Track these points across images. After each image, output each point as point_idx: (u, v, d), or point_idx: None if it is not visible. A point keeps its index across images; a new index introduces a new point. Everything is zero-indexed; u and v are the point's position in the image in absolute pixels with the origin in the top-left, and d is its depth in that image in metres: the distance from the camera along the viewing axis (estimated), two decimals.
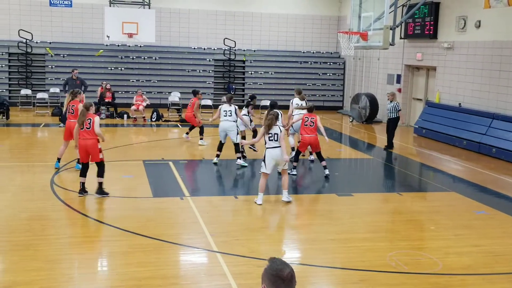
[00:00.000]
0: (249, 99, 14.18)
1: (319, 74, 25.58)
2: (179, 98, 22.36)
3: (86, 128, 9.79)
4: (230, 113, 12.71)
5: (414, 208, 10.10)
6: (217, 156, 12.84)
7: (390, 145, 15.85)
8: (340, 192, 10.88)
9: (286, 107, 14.49)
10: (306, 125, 11.79)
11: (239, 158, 12.83)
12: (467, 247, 8.00)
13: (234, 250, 7.55)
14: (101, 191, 9.86)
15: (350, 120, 22.13)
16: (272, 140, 9.65)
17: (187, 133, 15.99)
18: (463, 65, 17.63)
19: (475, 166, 14.01)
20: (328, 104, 25.24)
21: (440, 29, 18.77)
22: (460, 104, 17.60)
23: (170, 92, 23.26)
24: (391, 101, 15.71)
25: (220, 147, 12.86)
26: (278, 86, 24.69)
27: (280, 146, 9.63)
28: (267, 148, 9.73)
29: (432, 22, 18.87)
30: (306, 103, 13.46)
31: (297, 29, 25.56)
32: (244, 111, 13.67)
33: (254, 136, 13.32)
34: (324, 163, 11.98)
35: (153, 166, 12.55)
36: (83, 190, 9.83)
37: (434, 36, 18.88)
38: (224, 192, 11.07)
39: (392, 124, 15.74)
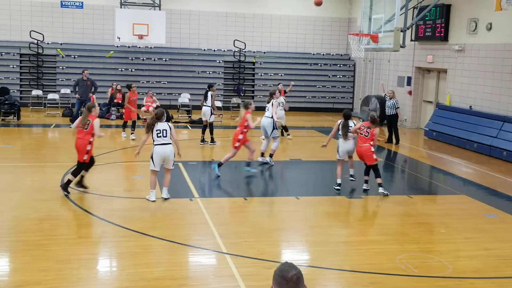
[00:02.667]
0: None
1: (329, 76, 25.54)
2: (189, 100, 22.41)
3: (84, 128, 9.87)
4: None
5: (424, 211, 10.04)
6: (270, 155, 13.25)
7: (397, 140, 16.97)
8: (350, 194, 10.84)
9: (299, 109, 14.40)
10: (362, 134, 11.06)
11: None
12: (478, 251, 7.95)
13: (243, 251, 7.55)
14: (65, 186, 9.92)
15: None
16: (160, 136, 9.65)
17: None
18: (474, 68, 17.53)
19: (485, 169, 13.92)
20: (338, 106, 25.16)
21: (451, 31, 18.68)
22: (471, 107, 17.49)
23: (180, 94, 23.32)
24: (390, 98, 16.73)
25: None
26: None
27: (170, 143, 9.71)
28: (154, 145, 9.73)
29: (443, 25, 18.78)
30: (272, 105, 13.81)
31: (307, 31, 25.54)
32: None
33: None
34: (379, 180, 10.86)
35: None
36: (81, 185, 10.16)
37: (445, 38, 18.78)
38: (233, 194, 11.07)
39: (393, 121, 16.89)
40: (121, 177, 11.93)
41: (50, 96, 22.33)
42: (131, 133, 16.19)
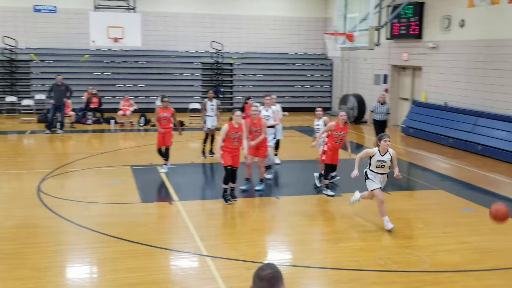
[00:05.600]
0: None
1: (307, 76, 25.65)
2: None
3: None
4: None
5: (402, 207, 10.15)
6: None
7: None
8: (331, 192, 10.88)
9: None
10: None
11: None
12: (456, 244, 8.05)
13: (223, 253, 7.54)
14: None
15: None
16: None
17: None
18: (448, 64, 17.76)
19: (462, 164, 14.12)
20: (317, 106, 25.18)
21: (425, 29, 18.90)
22: (446, 103, 17.72)
23: (157, 97, 23.16)
24: (382, 104, 15.22)
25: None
26: (267, 88, 24.65)
27: None
28: None
29: (417, 22, 19.00)
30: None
31: (284, 31, 25.61)
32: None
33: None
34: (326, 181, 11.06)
35: (141, 171, 12.50)
36: None
37: (419, 36, 19.00)
38: (213, 196, 11.03)
39: (383, 127, 15.32)
40: (98, 182, 11.81)
41: (25, 102, 22.03)
42: (164, 164, 12.51)
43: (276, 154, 13.28)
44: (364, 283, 6.70)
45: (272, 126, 12.23)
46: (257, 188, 10.97)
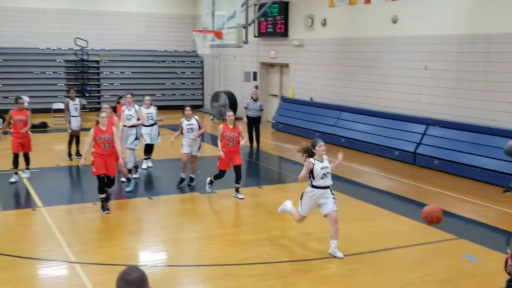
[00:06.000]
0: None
1: (178, 73, 25.48)
2: (28, 103, 20.88)
3: None
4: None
5: (275, 200, 10.42)
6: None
7: (258, 143, 15.89)
8: (202, 190, 10.90)
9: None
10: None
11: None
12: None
13: (93, 259, 7.24)
14: None
15: (211, 118, 22.34)
16: None
17: None
18: (313, 62, 18.61)
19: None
20: (189, 103, 24.81)
21: (290, 27, 19.63)
22: (311, 98, 18.57)
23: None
24: (255, 100, 15.49)
25: None
26: (136, 86, 24.06)
27: None
28: None
29: (282, 21, 19.66)
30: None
31: (153, 28, 25.18)
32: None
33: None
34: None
35: (0, 177, 11.60)
36: None
37: (285, 34, 19.69)
38: (81, 200, 10.54)
39: (256, 123, 15.67)
40: None
41: None
42: (26, 168, 11.62)
43: (148, 158, 12.93)
44: (239, 277, 6.80)
45: (134, 126, 11.59)
46: (127, 190, 10.69)
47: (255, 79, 21.88)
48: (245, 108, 15.73)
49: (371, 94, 15.99)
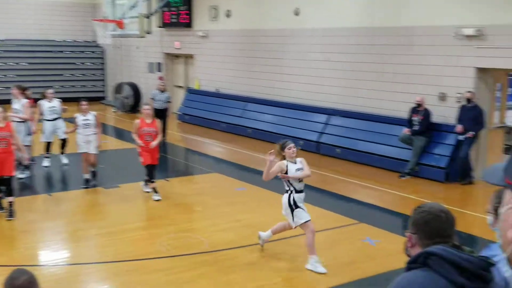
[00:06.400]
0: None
1: (78, 64, 24.46)
2: None
3: None
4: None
5: (181, 192, 10.37)
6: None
7: (164, 135, 15.47)
8: (106, 185, 10.59)
9: None
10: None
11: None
12: (231, 223, 8.52)
13: None
14: None
15: (114, 110, 21.71)
16: None
17: None
18: (218, 53, 18.59)
19: (234, 147, 14.96)
20: (90, 95, 24.18)
21: (195, 18, 19.45)
22: (217, 89, 18.56)
23: None
24: (162, 92, 15.15)
25: None
26: (34, 78, 22.83)
27: None
28: None
29: (187, 12, 19.44)
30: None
31: (50, 17, 23.92)
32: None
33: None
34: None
35: None
36: None
37: (189, 25, 19.50)
38: None
39: (164, 115, 15.07)
40: None
41: None
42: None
43: (62, 153, 12.26)
44: (145, 272, 6.68)
45: (24, 120, 10.87)
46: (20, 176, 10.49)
47: (159, 70, 21.51)
48: (151, 99, 15.41)
49: (276, 85, 16.26)
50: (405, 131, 11.55)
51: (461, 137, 10.96)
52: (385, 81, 13.06)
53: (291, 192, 6.83)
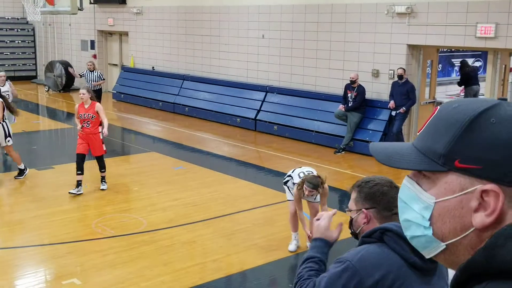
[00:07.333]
0: None
1: (7, 42, 23.36)
2: None
3: None
4: None
5: (118, 172, 10.21)
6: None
7: None
8: (40, 166, 10.29)
9: None
10: None
11: None
12: (169, 202, 8.50)
13: None
14: None
15: (46, 89, 20.97)
16: None
17: None
18: (153, 30, 18.25)
19: (171, 125, 14.85)
20: (21, 74, 23.33)
21: None
22: (153, 67, 18.27)
23: None
24: (91, 71, 14.55)
25: None
26: None
27: None
28: None
29: None
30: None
31: None
32: None
33: None
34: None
35: None
36: None
37: (123, 1, 19.00)
38: None
39: (97, 95, 14.68)
40: None
41: None
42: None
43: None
44: (82, 253, 6.59)
45: None
46: None
47: (92, 48, 20.89)
48: (80, 76, 14.97)
49: (213, 63, 16.18)
50: (340, 107, 11.82)
51: (393, 113, 11.35)
52: (320, 58, 13.27)
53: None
